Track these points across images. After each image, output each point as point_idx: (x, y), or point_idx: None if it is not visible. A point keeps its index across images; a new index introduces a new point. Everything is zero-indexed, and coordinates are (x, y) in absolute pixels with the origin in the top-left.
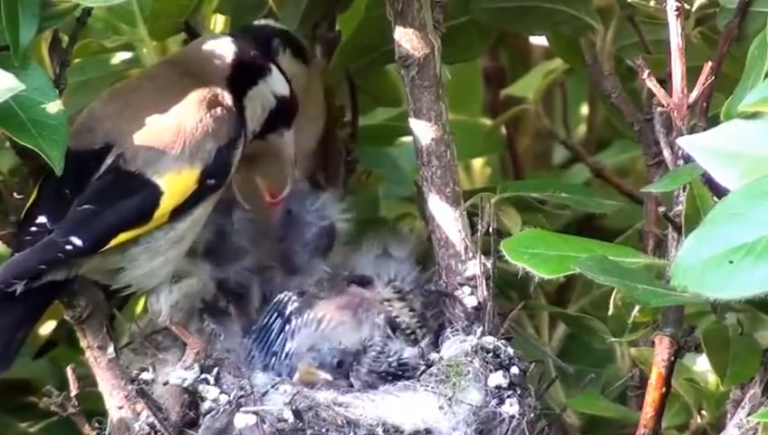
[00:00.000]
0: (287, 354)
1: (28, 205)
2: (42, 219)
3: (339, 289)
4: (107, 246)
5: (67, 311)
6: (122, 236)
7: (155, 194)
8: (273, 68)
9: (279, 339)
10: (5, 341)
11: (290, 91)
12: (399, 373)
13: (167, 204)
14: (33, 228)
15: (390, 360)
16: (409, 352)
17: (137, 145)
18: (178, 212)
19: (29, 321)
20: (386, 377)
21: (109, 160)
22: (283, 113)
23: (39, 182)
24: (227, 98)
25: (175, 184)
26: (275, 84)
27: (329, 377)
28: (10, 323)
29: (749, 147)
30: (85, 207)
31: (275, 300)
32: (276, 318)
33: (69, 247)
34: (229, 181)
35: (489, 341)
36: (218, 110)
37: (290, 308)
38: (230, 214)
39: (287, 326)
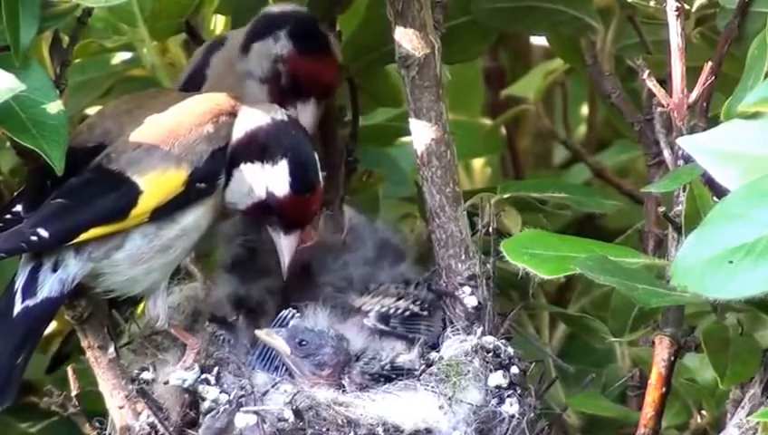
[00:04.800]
0: (288, 369)
1: (15, 194)
2: (18, 208)
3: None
4: (75, 240)
5: (68, 311)
6: (93, 232)
7: (133, 192)
8: (283, 162)
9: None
10: (5, 370)
11: (290, 196)
12: (393, 376)
13: (147, 203)
14: (8, 216)
15: (383, 363)
16: (403, 358)
17: (125, 144)
18: (162, 214)
19: (28, 345)
20: (379, 379)
21: (96, 159)
22: (272, 212)
23: (27, 173)
24: (236, 108)
25: (157, 184)
26: (273, 179)
27: (287, 349)
28: (9, 351)
29: (749, 147)
30: (58, 200)
31: (279, 316)
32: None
33: (34, 238)
34: (221, 189)
35: (489, 340)
36: (221, 117)
37: (292, 323)
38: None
39: None
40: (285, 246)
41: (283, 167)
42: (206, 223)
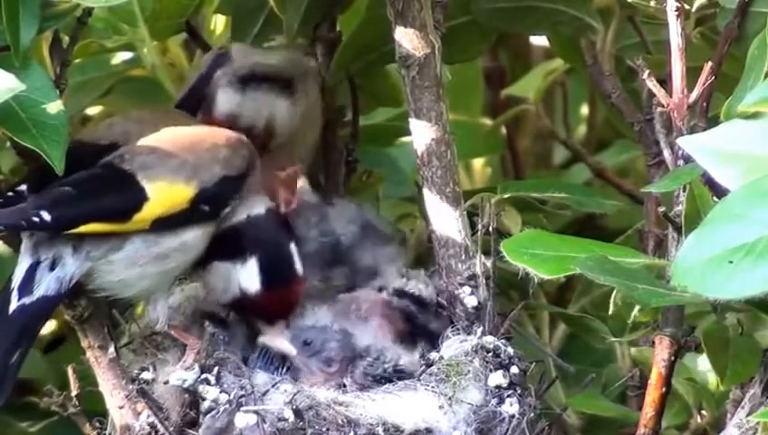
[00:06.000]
0: (288, 368)
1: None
2: (21, 187)
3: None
4: (74, 230)
5: (68, 311)
6: (92, 226)
7: (139, 197)
8: (252, 260)
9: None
10: (0, 369)
11: (262, 293)
12: (395, 379)
13: (151, 211)
14: (10, 193)
15: (386, 366)
16: (406, 360)
17: (139, 148)
18: (163, 225)
19: (23, 343)
20: (381, 381)
21: (109, 157)
22: (248, 309)
23: (28, 172)
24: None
25: (164, 194)
26: (244, 277)
27: (293, 351)
28: (4, 349)
29: (749, 147)
30: (65, 188)
31: None
32: None
33: (35, 219)
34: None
35: (489, 340)
36: (239, 147)
37: (292, 322)
38: None
39: None
40: (273, 338)
41: (252, 265)
42: (204, 246)
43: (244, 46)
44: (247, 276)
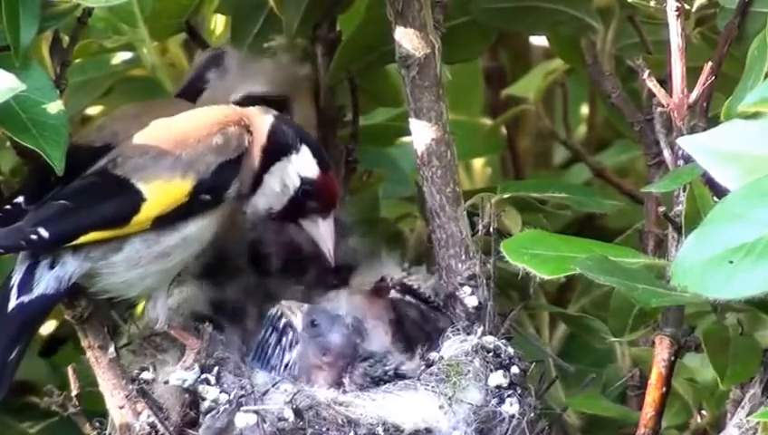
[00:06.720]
0: (286, 366)
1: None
2: (19, 199)
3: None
4: (74, 243)
5: (68, 311)
6: (93, 235)
7: (136, 199)
8: (305, 147)
9: (276, 352)
10: None
11: (321, 175)
12: (396, 382)
13: (149, 211)
14: (8, 206)
15: (387, 368)
16: (408, 366)
17: (132, 150)
18: (164, 223)
19: (22, 340)
20: (379, 383)
21: (102, 162)
22: (310, 197)
23: (28, 172)
24: (244, 120)
25: (161, 192)
26: (302, 164)
27: (300, 325)
28: (3, 346)
29: (749, 147)
30: (60, 201)
31: (268, 314)
32: (272, 332)
33: (34, 237)
34: (229, 202)
35: (489, 340)
36: (231, 128)
37: (283, 321)
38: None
39: (283, 339)
40: (326, 231)
41: (305, 152)
42: (208, 235)
43: (236, 53)
44: (305, 164)
